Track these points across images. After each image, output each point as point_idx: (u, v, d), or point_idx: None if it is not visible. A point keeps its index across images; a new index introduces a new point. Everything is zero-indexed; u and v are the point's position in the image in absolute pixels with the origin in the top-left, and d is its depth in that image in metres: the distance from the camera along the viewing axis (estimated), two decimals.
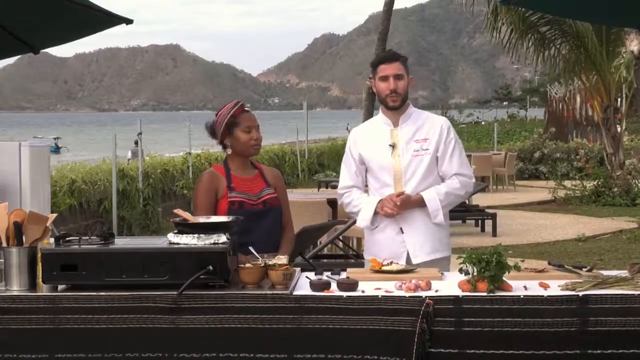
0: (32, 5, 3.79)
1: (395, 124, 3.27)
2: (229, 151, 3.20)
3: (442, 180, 3.30)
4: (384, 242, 3.28)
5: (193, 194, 3.34)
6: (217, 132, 3.19)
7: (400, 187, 3.23)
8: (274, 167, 3.44)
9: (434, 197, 3.22)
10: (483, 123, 37.49)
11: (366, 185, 3.39)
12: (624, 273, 2.77)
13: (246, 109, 3.20)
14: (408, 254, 3.23)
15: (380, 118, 3.35)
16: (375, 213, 3.24)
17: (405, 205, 3.19)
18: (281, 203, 3.22)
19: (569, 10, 4.52)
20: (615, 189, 12.02)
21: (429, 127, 3.28)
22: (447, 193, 3.24)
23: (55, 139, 37.18)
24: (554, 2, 4.19)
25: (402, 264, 3.00)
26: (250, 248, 2.76)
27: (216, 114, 3.23)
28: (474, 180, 3.39)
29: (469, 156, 16.36)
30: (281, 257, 2.72)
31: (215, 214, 3.10)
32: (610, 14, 4.30)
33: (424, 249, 3.20)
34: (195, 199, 3.22)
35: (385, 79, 3.23)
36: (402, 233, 3.24)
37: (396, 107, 3.25)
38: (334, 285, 2.64)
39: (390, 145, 3.25)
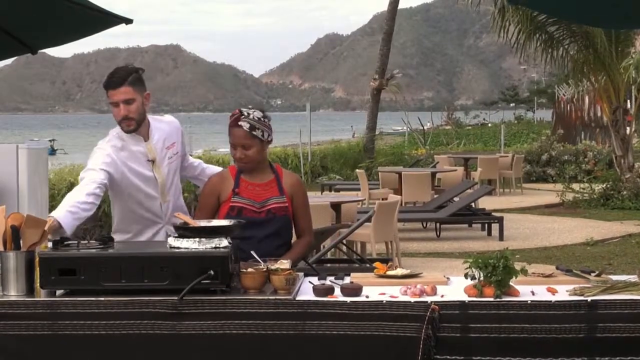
0: (31, 5, 3.77)
1: (146, 138, 3.28)
2: None
3: (188, 174, 3.51)
4: None
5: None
6: None
7: (165, 196, 3.29)
8: (294, 173, 3.34)
9: None
10: (489, 125, 37.43)
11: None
12: (633, 278, 2.75)
13: (240, 123, 3.05)
14: None
15: (125, 134, 3.24)
16: None
17: None
18: (291, 212, 3.14)
19: (576, 14, 4.46)
20: (625, 192, 11.92)
21: (171, 131, 3.36)
22: None
23: (50, 141, 37.15)
24: (561, 5, 4.14)
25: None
26: (253, 252, 2.72)
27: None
28: None
29: (474, 159, 16.30)
30: (284, 261, 2.67)
31: (216, 217, 3.06)
32: (618, 18, 4.25)
33: None
34: (199, 201, 3.19)
35: (115, 105, 3.20)
36: None
37: (131, 130, 3.23)
38: (337, 291, 2.61)
39: (149, 160, 3.25)
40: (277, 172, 3.18)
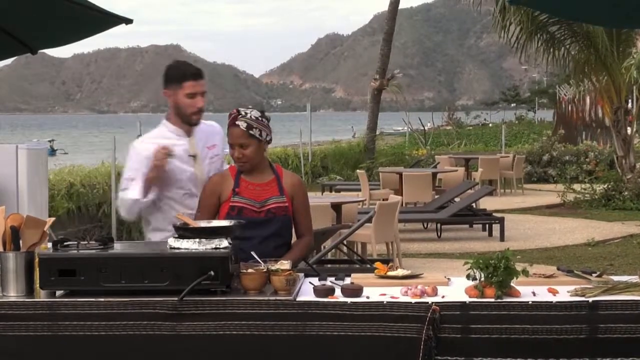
0: (31, 5, 3.77)
1: (189, 134, 3.31)
2: None
3: None
4: None
5: None
6: None
7: None
8: (294, 173, 3.35)
9: None
10: (490, 125, 37.37)
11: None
12: (634, 278, 2.74)
13: (237, 122, 3.06)
14: None
15: (167, 130, 3.30)
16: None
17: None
18: (291, 212, 3.14)
19: (577, 13, 4.46)
20: (626, 193, 11.91)
21: (213, 133, 3.40)
22: None
23: (50, 141, 37.13)
24: (562, 4, 4.13)
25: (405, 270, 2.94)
26: (253, 253, 2.71)
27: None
28: None
29: (475, 159, 16.27)
30: (284, 262, 2.67)
31: (217, 217, 3.05)
32: (620, 17, 4.24)
33: None
34: (200, 200, 3.18)
35: (192, 96, 3.23)
36: None
37: (198, 123, 3.30)
38: (338, 291, 2.60)
39: (191, 155, 3.28)
40: (277, 172, 3.18)
